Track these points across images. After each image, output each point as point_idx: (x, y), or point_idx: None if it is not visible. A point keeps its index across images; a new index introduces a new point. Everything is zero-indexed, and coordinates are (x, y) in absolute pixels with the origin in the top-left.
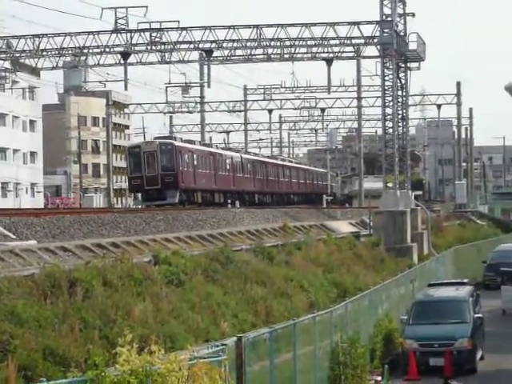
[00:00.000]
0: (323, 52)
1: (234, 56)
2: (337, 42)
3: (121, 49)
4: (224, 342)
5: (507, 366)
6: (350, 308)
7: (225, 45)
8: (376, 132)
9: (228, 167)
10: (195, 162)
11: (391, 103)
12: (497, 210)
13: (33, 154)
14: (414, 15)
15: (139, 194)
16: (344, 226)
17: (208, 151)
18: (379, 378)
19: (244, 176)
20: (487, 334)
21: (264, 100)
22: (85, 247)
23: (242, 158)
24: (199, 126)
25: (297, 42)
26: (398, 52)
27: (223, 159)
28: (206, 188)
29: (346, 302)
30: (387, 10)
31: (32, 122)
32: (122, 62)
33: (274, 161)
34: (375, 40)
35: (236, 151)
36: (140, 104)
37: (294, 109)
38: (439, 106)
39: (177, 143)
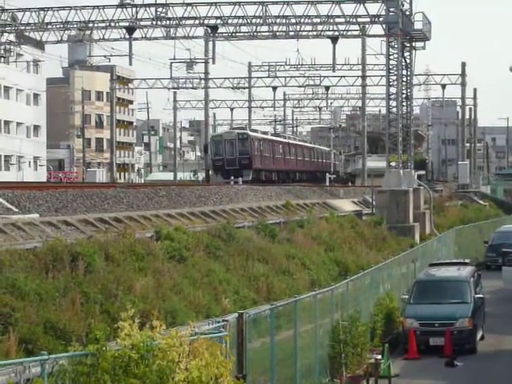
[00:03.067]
0: (328, 30)
1: (239, 32)
2: (342, 20)
3: (126, 23)
4: (225, 318)
5: (507, 347)
6: (351, 286)
7: (230, 21)
8: (380, 111)
9: (280, 151)
10: (261, 148)
11: (395, 82)
12: (499, 190)
13: (36, 127)
14: None
15: (219, 173)
16: (346, 205)
17: (269, 139)
18: (379, 357)
19: (290, 158)
20: (488, 315)
21: (268, 77)
22: (87, 222)
23: (289, 143)
24: (203, 102)
25: (302, 20)
26: (403, 31)
27: (277, 144)
28: (268, 168)
29: (348, 281)
30: None
31: (36, 96)
32: (127, 36)
33: (305, 143)
34: (381, 19)
35: (284, 137)
36: (144, 79)
37: (299, 86)
38: (444, 86)
39: (250, 133)
